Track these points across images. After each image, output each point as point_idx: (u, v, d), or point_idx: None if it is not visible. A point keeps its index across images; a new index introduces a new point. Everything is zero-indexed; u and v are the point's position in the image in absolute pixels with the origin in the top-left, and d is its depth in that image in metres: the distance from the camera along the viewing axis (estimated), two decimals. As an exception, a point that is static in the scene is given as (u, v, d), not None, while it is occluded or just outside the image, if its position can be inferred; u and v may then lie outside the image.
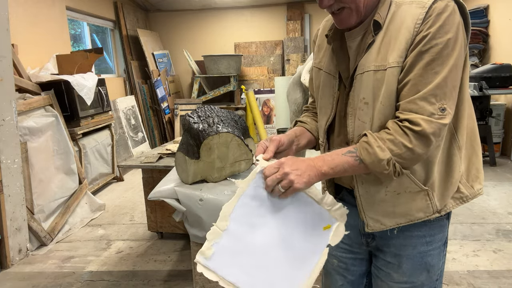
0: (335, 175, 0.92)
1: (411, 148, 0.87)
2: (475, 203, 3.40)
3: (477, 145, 1.05)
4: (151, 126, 5.79)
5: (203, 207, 1.61)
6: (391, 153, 0.87)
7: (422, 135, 0.86)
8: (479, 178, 1.04)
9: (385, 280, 1.09)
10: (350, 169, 0.91)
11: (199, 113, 1.81)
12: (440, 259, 1.07)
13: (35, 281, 2.46)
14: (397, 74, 0.90)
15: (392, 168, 0.88)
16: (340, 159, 0.91)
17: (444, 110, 0.86)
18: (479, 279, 2.27)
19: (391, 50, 0.91)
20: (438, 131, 0.87)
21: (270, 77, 6.36)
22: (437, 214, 0.99)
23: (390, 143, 0.88)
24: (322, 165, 0.91)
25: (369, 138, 0.90)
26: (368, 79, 0.93)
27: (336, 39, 1.04)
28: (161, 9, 6.48)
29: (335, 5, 0.95)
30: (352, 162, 0.90)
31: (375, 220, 1.01)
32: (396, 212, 0.99)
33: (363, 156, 0.89)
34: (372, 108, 0.94)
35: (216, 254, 0.91)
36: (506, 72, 4.26)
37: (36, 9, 3.83)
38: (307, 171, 0.90)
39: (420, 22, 0.87)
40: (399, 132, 0.88)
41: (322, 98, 1.10)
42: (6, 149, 2.61)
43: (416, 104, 0.87)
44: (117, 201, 3.91)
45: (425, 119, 0.86)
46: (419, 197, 0.97)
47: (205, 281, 1.80)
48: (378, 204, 0.99)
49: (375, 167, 0.88)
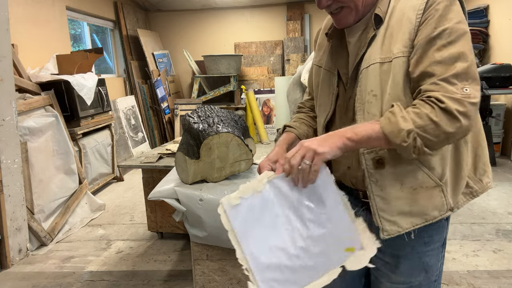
0: (359, 142, 0.87)
1: (436, 121, 0.82)
2: (475, 203, 3.40)
3: (482, 139, 1.03)
4: (151, 126, 5.79)
5: (203, 207, 1.61)
6: (414, 125, 0.82)
7: (446, 111, 0.82)
8: (487, 171, 1.03)
9: (383, 281, 1.09)
10: (375, 137, 0.86)
11: (199, 113, 1.81)
12: (438, 260, 1.06)
13: (35, 281, 2.46)
14: (402, 64, 0.90)
15: (412, 141, 0.82)
16: (365, 125, 0.88)
17: (468, 90, 0.83)
18: (479, 279, 2.27)
19: (394, 41, 0.91)
20: (464, 110, 0.82)
21: (270, 77, 6.36)
22: (449, 212, 0.98)
23: (415, 115, 0.84)
24: (346, 131, 0.88)
25: (394, 108, 0.86)
26: (374, 72, 0.93)
27: (335, 36, 1.06)
28: (161, 9, 6.48)
29: (333, 4, 0.96)
30: (377, 128, 0.85)
31: (392, 223, 0.96)
32: (413, 211, 0.96)
33: (383, 125, 0.85)
34: (381, 100, 0.93)
35: (240, 207, 0.91)
36: (506, 72, 4.26)
37: (36, 9, 3.83)
38: (329, 138, 0.87)
39: (421, 13, 0.88)
40: (425, 106, 0.84)
41: (321, 95, 1.10)
42: (6, 149, 2.61)
43: (437, 85, 0.84)
44: (117, 201, 3.91)
45: (448, 96, 0.82)
46: (435, 193, 0.95)
47: (205, 281, 1.80)
48: (395, 202, 0.96)
49: (394, 137, 0.83)
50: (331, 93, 1.06)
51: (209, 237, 1.67)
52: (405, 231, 0.97)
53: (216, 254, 1.77)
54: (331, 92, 1.06)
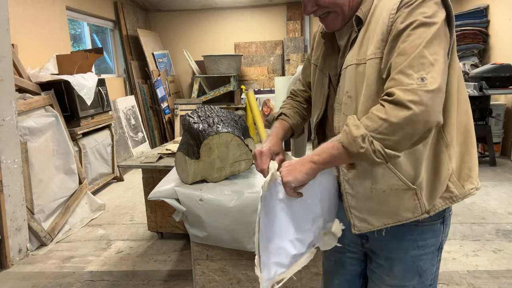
0: (324, 163, 0.89)
1: (385, 118, 0.80)
2: (475, 203, 3.40)
3: (471, 143, 1.00)
4: (151, 126, 5.79)
5: (203, 207, 1.61)
6: (366, 129, 0.81)
7: (396, 103, 0.79)
8: (472, 177, 1.00)
9: (378, 283, 1.09)
10: (337, 154, 0.86)
11: (199, 113, 1.81)
12: (433, 264, 1.05)
13: (35, 281, 2.46)
14: (375, 66, 0.89)
15: (368, 145, 0.80)
16: (327, 144, 0.89)
17: (424, 79, 0.79)
18: (479, 279, 2.27)
19: (370, 42, 0.91)
20: (418, 99, 0.78)
21: (270, 77, 6.36)
22: (425, 215, 0.96)
23: (366, 119, 0.83)
24: (312, 155, 0.91)
25: (348, 120, 0.86)
26: (351, 73, 0.95)
27: (328, 38, 1.08)
28: (161, 9, 6.48)
29: (319, 10, 0.97)
30: (336, 145, 0.86)
31: (362, 220, 0.99)
32: (383, 210, 0.97)
33: (342, 139, 0.85)
34: (356, 102, 0.94)
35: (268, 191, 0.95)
36: (506, 72, 4.26)
37: (36, 9, 3.83)
38: (298, 166, 0.92)
39: (394, 12, 0.87)
40: (377, 108, 0.83)
41: (316, 94, 1.13)
42: (6, 149, 2.61)
43: (393, 80, 0.83)
44: (117, 201, 3.91)
45: (401, 88, 0.80)
46: (407, 196, 0.95)
47: (205, 281, 1.80)
48: (365, 201, 0.97)
49: (352, 147, 0.82)
50: (322, 93, 1.09)
51: (209, 237, 1.67)
52: (376, 228, 0.99)
53: (216, 254, 1.77)
54: (322, 92, 1.09)
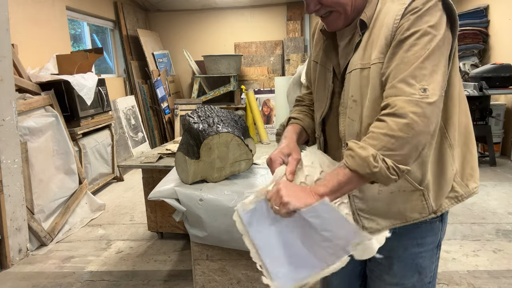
0: (332, 192, 0.85)
1: (391, 134, 0.79)
2: (475, 203, 3.40)
3: (471, 143, 1.03)
4: (151, 126, 5.80)
5: (203, 207, 1.61)
6: (374, 148, 0.80)
7: (399, 115, 0.79)
8: (474, 176, 1.02)
9: (377, 282, 1.10)
10: (346, 180, 0.83)
11: (199, 113, 1.81)
12: (432, 261, 1.06)
13: (35, 281, 2.46)
14: (379, 70, 0.90)
15: (382, 163, 0.79)
16: (331, 174, 0.86)
17: (426, 90, 0.80)
18: (479, 279, 2.27)
19: (374, 47, 0.91)
20: (421, 111, 0.79)
21: (270, 77, 6.37)
22: (433, 215, 0.97)
23: (370, 139, 0.82)
24: (318, 187, 0.85)
25: (350, 145, 0.85)
26: (355, 77, 0.94)
27: (328, 36, 1.07)
28: (161, 9, 6.49)
29: (321, 9, 0.97)
30: (342, 171, 0.84)
31: (370, 221, 0.98)
32: (391, 212, 0.97)
33: (349, 164, 0.83)
34: (361, 106, 0.94)
35: (254, 211, 0.91)
36: (506, 72, 4.25)
37: (36, 9, 3.83)
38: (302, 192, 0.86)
39: (399, 18, 0.87)
40: (377, 125, 0.83)
41: (318, 91, 1.11)
42: (6, 149, 2.61)
43: (394, 88, 0.83)
44: (117, 201, 3.91)
45: (403, 99, 0.80)
46: (415, 197, 0.96)
47: (205, 281, 1.80)
48: (372, 203, 0.97)
49: (363, 168, 0.80)
50: (327, 88, 1.07)
51: (209, 237, 1.67)
52: (384, 228, 0.98)
53: (216, 254, 1.77)
54: (327, 87, 1.07)
